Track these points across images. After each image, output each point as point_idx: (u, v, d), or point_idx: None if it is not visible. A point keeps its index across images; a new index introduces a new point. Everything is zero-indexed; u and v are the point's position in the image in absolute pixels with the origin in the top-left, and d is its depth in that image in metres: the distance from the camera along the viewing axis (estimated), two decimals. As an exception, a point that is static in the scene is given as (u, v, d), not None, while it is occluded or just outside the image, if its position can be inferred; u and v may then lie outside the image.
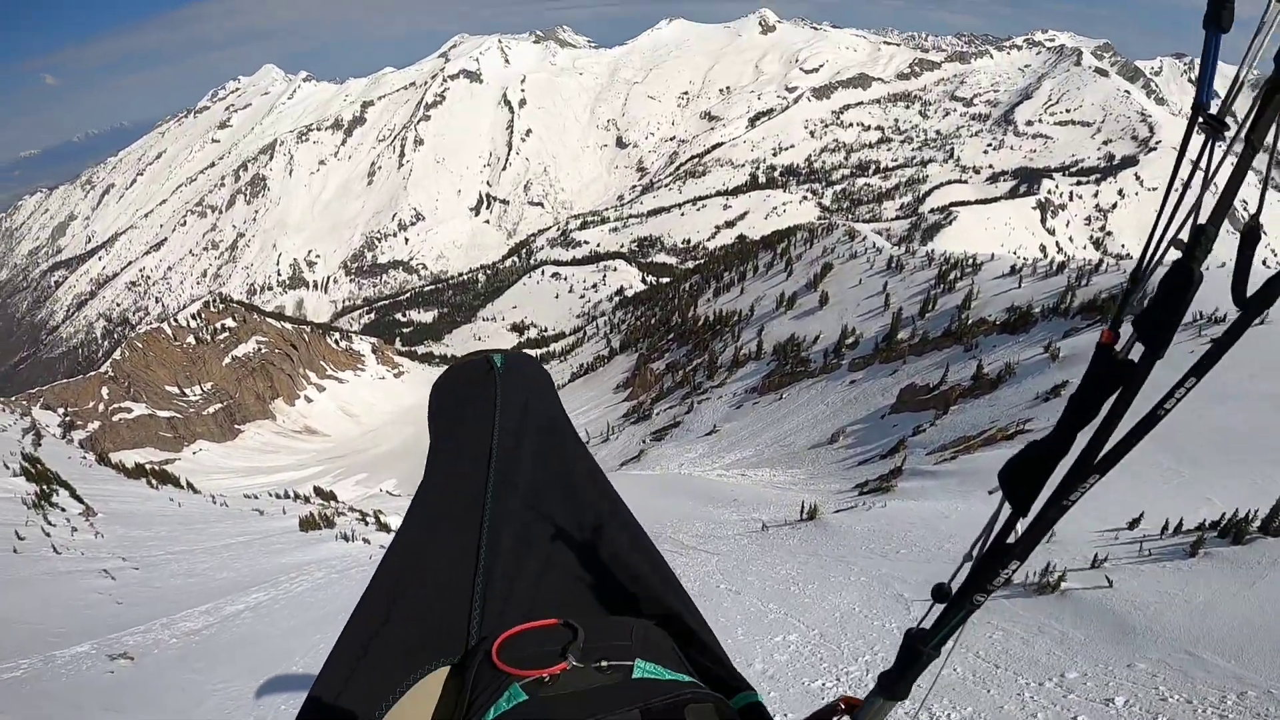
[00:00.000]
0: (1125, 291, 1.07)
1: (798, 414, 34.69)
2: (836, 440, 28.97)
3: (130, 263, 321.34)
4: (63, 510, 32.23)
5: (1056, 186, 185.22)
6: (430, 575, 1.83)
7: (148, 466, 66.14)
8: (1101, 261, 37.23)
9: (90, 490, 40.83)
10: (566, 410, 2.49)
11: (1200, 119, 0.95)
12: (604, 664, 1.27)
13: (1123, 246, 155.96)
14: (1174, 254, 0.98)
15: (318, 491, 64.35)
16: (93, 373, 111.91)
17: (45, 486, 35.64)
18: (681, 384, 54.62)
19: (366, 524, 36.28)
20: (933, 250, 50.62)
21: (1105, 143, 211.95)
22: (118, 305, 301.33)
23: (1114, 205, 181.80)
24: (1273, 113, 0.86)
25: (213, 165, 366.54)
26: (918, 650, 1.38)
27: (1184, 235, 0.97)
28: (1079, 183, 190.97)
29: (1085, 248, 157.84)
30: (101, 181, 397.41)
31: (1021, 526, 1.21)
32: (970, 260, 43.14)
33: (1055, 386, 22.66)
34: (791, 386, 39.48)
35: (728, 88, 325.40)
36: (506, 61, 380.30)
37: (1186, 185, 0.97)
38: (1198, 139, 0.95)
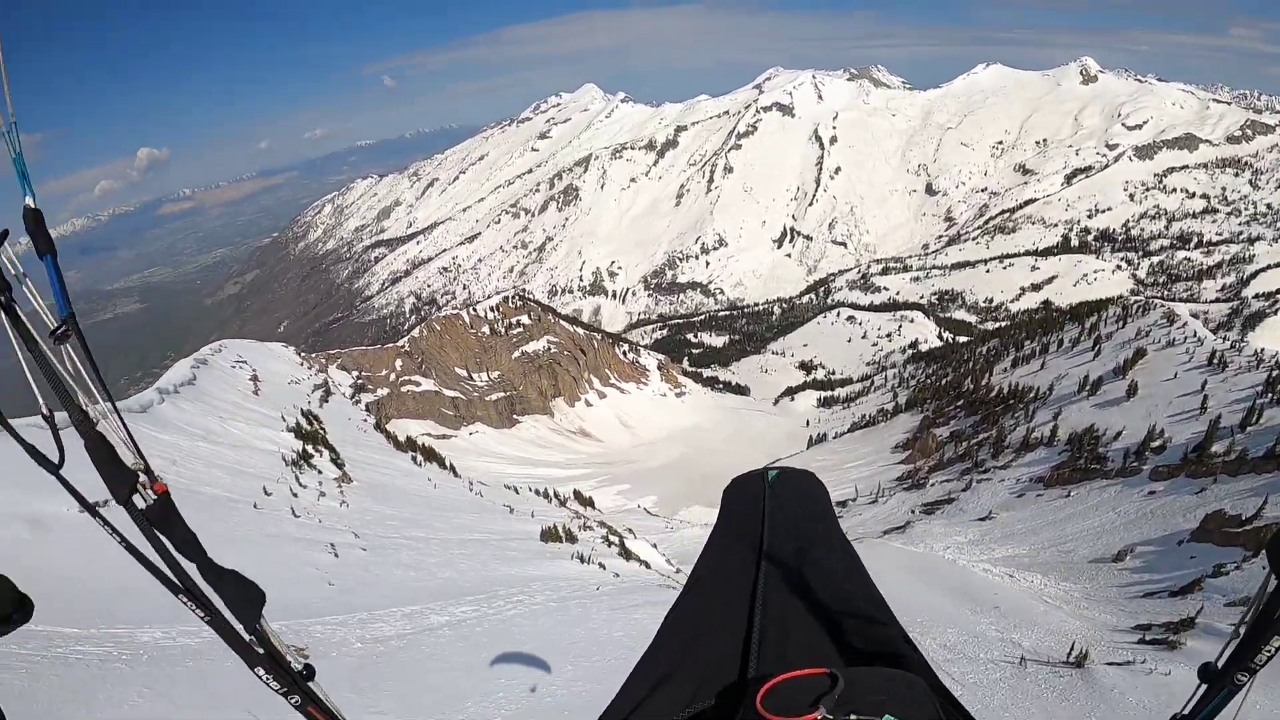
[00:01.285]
0: None
1: (1084, 518, 31.26)
2: (1122, 559, 25.58)
3: (445, 250, 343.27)
4: (319, 473, 33.04)
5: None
6: (716, 627, 2.04)
7: (422, 440, 68.92)
8: None
9: (354, 456, 42.26)
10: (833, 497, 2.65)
11: None
12: (853, 718, 1.30)
13: None
14: None
15: (577, 495, 65.05)
16: (391, 345, 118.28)
17: (310, 446, 36.89)
18: (963, 457, 51.61)
19: (609, 545, 35.50)
20: (1263, 351, 45.08)
21: None
22: (428, 286, 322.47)
23: None
24: None
25: (530, 171, 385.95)
26: None
27: None
28: None
29: None
30: (427, 175, 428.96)
31: None
32: (1312, 369, 37.92)
33: None
34: (1081, 484, 35.99)
35: (1044, 140, 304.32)
36: (820, 97, 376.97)
37: None
38: None
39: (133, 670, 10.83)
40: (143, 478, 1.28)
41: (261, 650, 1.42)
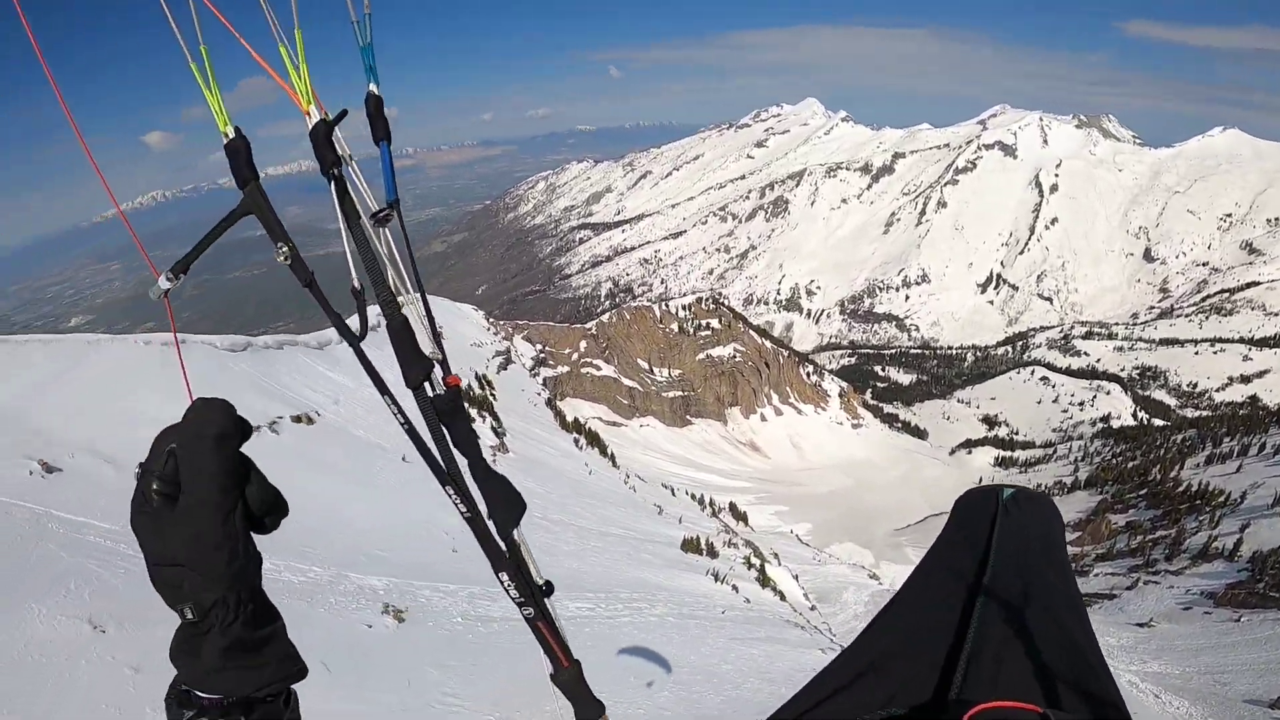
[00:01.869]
0: None
1: (1249, 649, 28.74)
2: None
3: (648, 242, 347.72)
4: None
5: None
6: (922, 639, 1.94)
7: (590, 424, 69.63)
8: None
9: (517, 427, 43.10)
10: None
11: None
12: None
13: None
14: None
15: (732, 508, 64.66)
16: (579, 325, 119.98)
17: (475, 410, 37.64)
18: (1134, 552, 49.14)
19: (749, 567, 34.98)
20: None
21: None
22: (626, 274, 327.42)
23: None
24: None
25: (742, 178, 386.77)
26: None
27: None
28: None
29: None
30: (641, 167, 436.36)
31: None
32: None
33: None
34: (1256, 612, 33.42)
35: (1276, 219, 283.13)
36: (1045, 142, 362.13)
37: None
38: None
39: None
40: (438, 369, 1.29)
41: (509, 558, 1.40)
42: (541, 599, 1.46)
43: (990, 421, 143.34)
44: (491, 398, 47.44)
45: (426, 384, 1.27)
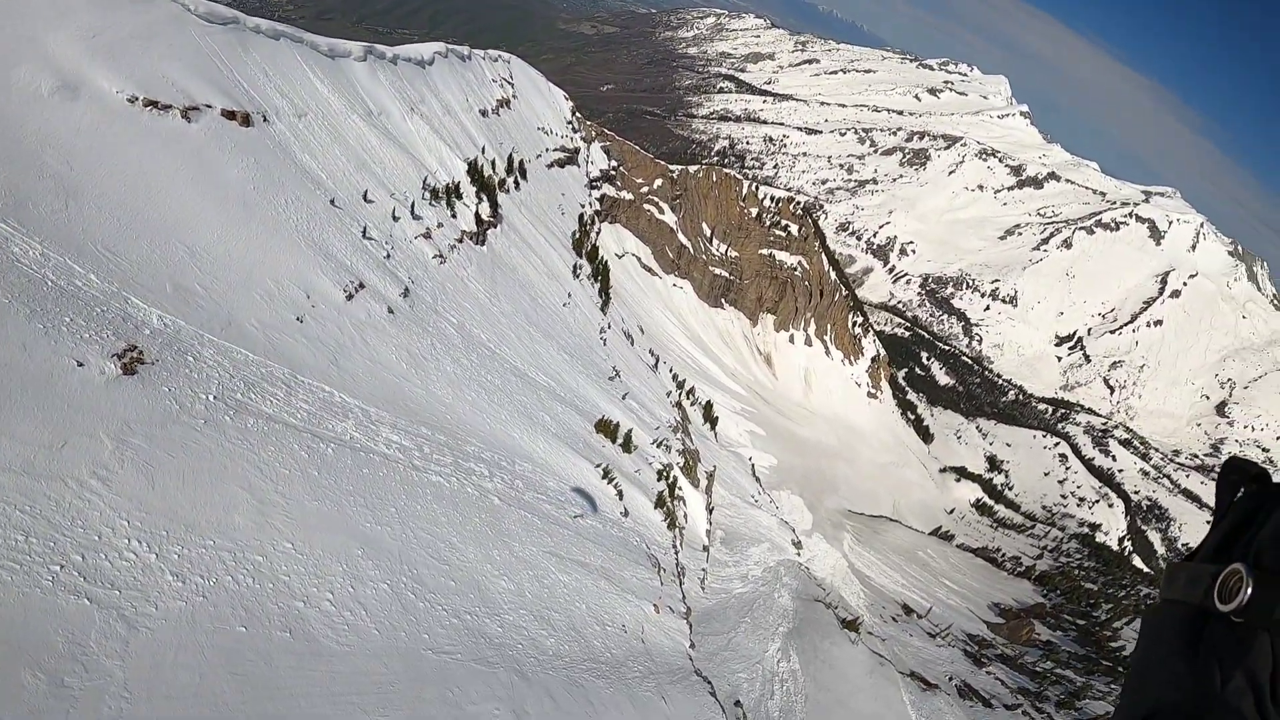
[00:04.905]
0: None
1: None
2: None
3: (781, 125, 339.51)
4: (453, 216, 30.59)
5: None
6: None
7: (626, 260, 66.45)
8: None
9: (519, 226, 40.98)
10: None
11: None
12: None
13: None
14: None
15: (708, 409, 62.33)
16: (664, 163, 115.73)
17: (475, 190, 34.19)
18: (1036, 678, 46.44)
19: (661, 479, 31.54)
20: None
21: None
22: (746, 143, 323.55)
23: None
24: None
25: (900, 114, 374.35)
26: None
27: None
28: None
29: None
30: (812, 52, 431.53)
31: None
32: None
33: None
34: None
35: None
36: (1192, 247, 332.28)
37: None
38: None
39: None
40: None
41: None
42: None
43: (993, 464, 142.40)
44: (512, 186, 43.40)
45: None
